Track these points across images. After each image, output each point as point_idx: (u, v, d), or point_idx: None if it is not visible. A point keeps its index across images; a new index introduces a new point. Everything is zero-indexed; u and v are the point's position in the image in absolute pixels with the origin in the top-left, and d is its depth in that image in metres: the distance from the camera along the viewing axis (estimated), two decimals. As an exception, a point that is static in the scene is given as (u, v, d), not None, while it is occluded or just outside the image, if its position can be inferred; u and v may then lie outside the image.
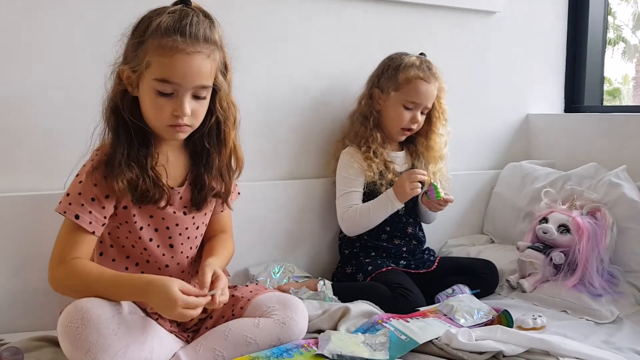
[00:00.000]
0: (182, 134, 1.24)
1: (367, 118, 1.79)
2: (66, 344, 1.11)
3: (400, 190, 1.71)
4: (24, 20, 1.49)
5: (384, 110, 1.79)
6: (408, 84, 1.74)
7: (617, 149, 2.01)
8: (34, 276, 1.48)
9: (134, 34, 1.19)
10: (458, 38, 2.14)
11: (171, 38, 1.14)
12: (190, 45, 1.15)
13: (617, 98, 8.55)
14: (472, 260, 1.87)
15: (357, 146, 1.79)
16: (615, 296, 1.64)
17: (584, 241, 1.67)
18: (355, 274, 1.75)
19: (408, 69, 1.75)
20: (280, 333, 1.25)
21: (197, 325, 1.34)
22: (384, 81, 1.78)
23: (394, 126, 1.79)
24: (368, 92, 1.82)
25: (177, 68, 1.15)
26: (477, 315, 1.45)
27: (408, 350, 1.27)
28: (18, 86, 1.51)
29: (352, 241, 1.81)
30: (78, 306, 1.12)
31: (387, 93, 1.76)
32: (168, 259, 1.32)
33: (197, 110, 1.21)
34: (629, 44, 10.23)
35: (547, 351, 1.27)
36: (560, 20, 2.38)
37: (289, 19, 1.83)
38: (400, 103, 1.76)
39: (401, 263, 1.77)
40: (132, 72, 1.18)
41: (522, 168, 2.16)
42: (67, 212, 1.19)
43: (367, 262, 1.75)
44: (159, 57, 1.14)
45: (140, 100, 1.21)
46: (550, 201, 1.87)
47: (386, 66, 1.79)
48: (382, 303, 1.53)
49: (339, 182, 1.79)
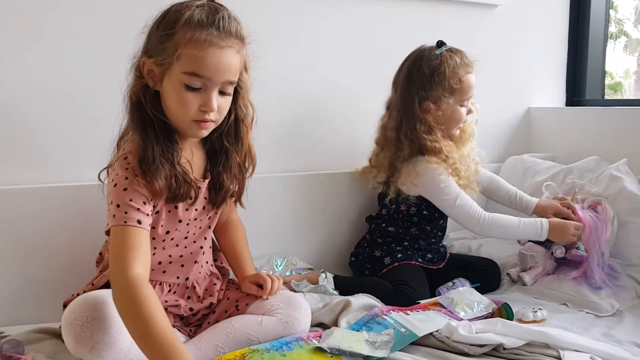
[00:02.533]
0: (206, 131, 1.20)
1: (433, 129, 1.69)
2: (70, 340, 1.10)
3: (560, 231, 1.65)
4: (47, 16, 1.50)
5: (443, 116, 1.70)
6: (461, 84, 1.69)
7: (618, 143, 2.00)
8: (34, 269, 1.49)
9: (161, 26, 1.14)
10: (460, 31, 2.13)
11: (205, 31, 1.11)
12: (223, 39, 1.13)
13: (619, 92, 8.53)
14: (475, 258, 1.88)
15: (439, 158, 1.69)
16: (616, 289, 1.64)
17: (585, 234, 1.67)
18: (383, 257, 1.72)
19: (453, 70, 1.68)
20: (283, 332, 1.26)
21: (200, 320, 1.34)
22: (430, 91, 1.68)
23: (454, 125, 1.74)
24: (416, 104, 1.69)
25: (209, 62, 1.12)
26: (477, 308, 1.45)
27: (408, 342, 1.27)
28: (39, 82, 1.52)
29: (387, 232, 1.78)
30: (84, 302, 1.11)
31: (443, 101, 1.68)
32: (181, 249, 1.30)
33: (222, 106, 1.18)
34: (631, 38, 10.20)
35: (547, 344, 1.27)
36: (562, 14, 2.37)
37: (303, 17, 1.84)
38: (457, 104, 1.71)
39: (427, 257, 1.77)
40: (156, 66, 1.14)
41: (524, 161, 2.16)
42: (127, 221, 1.10)
43: (399, 249, 1.73)
44: (191, 49, 1.11)
45: (163, 94, 1.17)
46: (551, 195, 1.87)
47: (422, 74, 1.68)
48: (383, 298, 1.54)
49: (442, 191, 1.69)
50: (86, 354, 1.10)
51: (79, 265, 1.45)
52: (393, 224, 1.79)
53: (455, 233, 2.13)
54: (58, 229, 1.51)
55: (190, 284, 1.32)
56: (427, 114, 1.69)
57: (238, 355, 1.16)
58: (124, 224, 1.10)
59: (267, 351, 1.18)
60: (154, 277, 1.25)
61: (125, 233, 1.10)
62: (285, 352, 1.18)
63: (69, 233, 1.52)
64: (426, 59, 1.69)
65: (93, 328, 1.08)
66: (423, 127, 1.68)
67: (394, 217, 1.79)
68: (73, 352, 1.13)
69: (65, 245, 1.50)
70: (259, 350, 1.18)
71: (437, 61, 1.68)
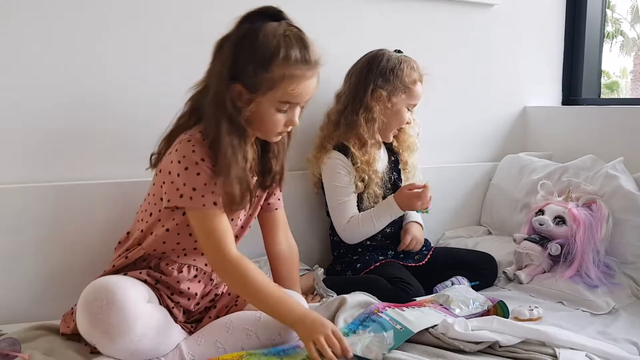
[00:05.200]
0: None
1: (375, 120, 1.75)
2: (85, 321, 1.13)
3: (406, 202, 1.70)
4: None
5: (391, 109, 1.76)
6: (415, 87, 1.76)
7: (614, 141, 2.01)
8: (30, 266, 1.49)
9: (256, 59, 1.20)
10: (456, 30, 2.14)
11: (300, 68, 1.22)
12: (312, 69, 1.25)
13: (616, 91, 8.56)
14: (471, 253, 1.87)
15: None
16: (611, 287, 1.64)
17: (580, 232, 1.68)
18: (345, 271, 1.75)
19: (410, 72, 1.75)
20: (282, 328, 1.26)
21: (201, 314, 1.36)
22: (384, 82, 1.74)
23: (395, 125, 1.80)
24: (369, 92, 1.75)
25: (301, 92, 1.24)
26: (473, 306, 1.45)
27: (404, 339, 1.27)
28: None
29: (338, 242, 1.80)
30: (104, 286, 1.14)
31: (396, 95, 1.75)
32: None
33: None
34: (627, 37, 10.23)
35: (543, 342, 1.27)
36: (558, 13, 2.38)
37: (298, 15, 1.81)
38: (405, 105, 1.77)
39: (389, 254, 1.77)
40: (246, 90, 1.22)
41: (520, 160, 2.16)
42: (206, 204, 1.21)
43: (355, 259, 1.75)
44: (287, 85, 1.22)
45: (253, 112, 1.24)
46: (546, 193, 1.87)
47: (382, 67, 1.74)
48: (382, 296, 1.54)
49: (334, 189, 1.75)
50: (98, 337, 1.12)
51: (77, 265, 1.46)
52: (334, 232, 1.81)
53: (451, 232, 2.14)
54: (53, 228, 1.52)
55: (210, 271, 1.35)
56: (376, 103, 1.73)
57: (235, 356, 1.17)
58: (203, 207, 1.21)
59: (264, 355, 1.18)
60: (185, 261, 1.31)
61: (210, 218, 1.22)
62: (283, 357, 1.19)
63: (66, 233, 1.53)
64: (387, 56, 1.76)
65: (111, 312, 1.10)
66: (366, 114, 1.73)
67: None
68: (85, 333, 1.15)
69: (64, 245, 1.51)
70: (256, 354, 1.18)
71: (397, 60, 1.76)
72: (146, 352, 1.17)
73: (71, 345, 1.25)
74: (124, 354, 1.15)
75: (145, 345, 1.15)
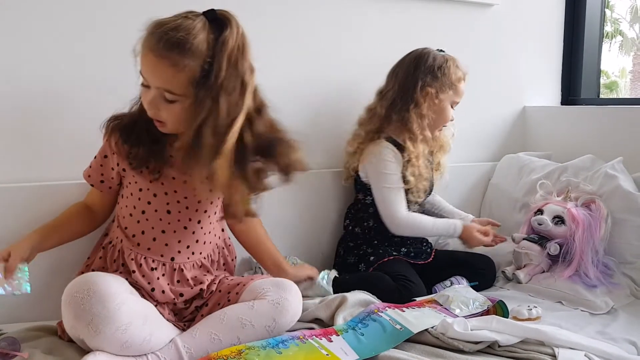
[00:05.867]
0: None
1: (424, 116, 1.76)
2: (69, 314, 1.13)
3: (470, 237, 1.77)
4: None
5: (438, 106, 1.78)
6: (459, 84, 1.79)
7: (614, 141, 2.01)
8: (31, 266, 1.48)
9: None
10: (456, 30, 2.14)
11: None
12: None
13: (615, 91, 8.57)
14: (470, 254, 1.87)
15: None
16: (610, 287, 1.65)
17: (579, 232, 1.68)
18: (358, 263, 1.75)
19: (456, 69, 1.78)
20: (275, 313, 1.27)
21: (193, 314, 1.36)
22: (433, 80, 1.75)
23: (441, 122, 1.82)
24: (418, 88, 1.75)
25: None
26: (472, 306, 1.46)
27: (403, 339, 1.28)
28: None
29: (358, 233, 1.81)
30: (85, 279, 1.16)
31: (443, 92, 1.77)
32: (165, 224, 1.34)
33: None
34: (626, 37, 10.24)
35: (542, 341, 1.28)
36: (557, 13, 2.38)
37: (298, 15, 1.84)
38: (450, 103, 1.80)
39: (402, 251, 1.77)
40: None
41: (519, 159, 2.17)
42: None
43: (370, 251, 1.75)
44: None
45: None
46: (545, 193, 1.88)
47: (429, 64, 1.76)
48: (385, 294, 1.54)
49: (382, 176, 1.75)
50: (84, 330, 1.12)
51: (78, 266, 1.45)
52: (358, 223, 1.82)
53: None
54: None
55: (178, 267, 1.35)
56: (425, 99, 1.74)
57: (234, 351, 1.17)
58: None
59: (263, 348, 1.18)
60: (140, 252, 1.33)
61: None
62: (282, 349, 1.19)
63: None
64: (432, 54, 1.78)
65: (92, 301, 1.12)
66: (416, 109, 1.74)
67: (358, 210, 1.83)
68: (71, 330, 1.16)
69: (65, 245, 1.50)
70: (255, 348, 1.18)
71: (443, 58, 1.78)
72: (137, 343, 1.16)
73: (71, 346, 1.25)
74: (114, 347, 1.14)
75: (134, 335, 1.14)
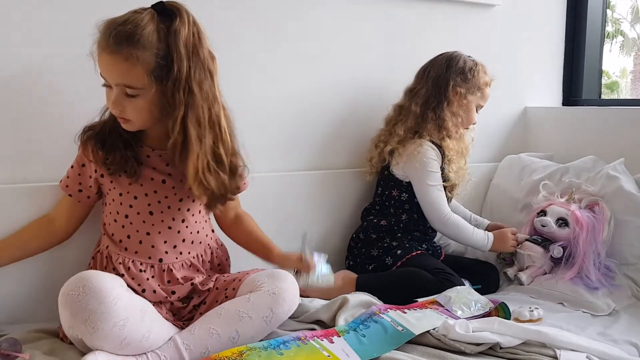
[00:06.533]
0: None
1: (456, 114, 1.81)
2: (66, 312, 1.13)
3: (501, 241, 1.80)
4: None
5: (467, 107, 1.83)
6: (486, 88, 1.85)
7: (615, 142, 2.01)
8: (32, 268, 1.48)
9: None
10: (457, 31, 2.14)
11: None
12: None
13: (615, 91, 8.57)
14: (474, 260, 1.88)
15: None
16: (612, 289, 1.65)
17: (583, 235, 1.68)
18: (382, 256, 1.72)
19: (484, 74, 1.84)
20: (272, 303, 1.27)
21: (191, 313, 1.36)
22: (463, 81, 1.81)
23: (468, 123, 1.87)
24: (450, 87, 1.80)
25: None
26: (474, 307, 1.45)
27: (404, 341, 1.28)
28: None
29: (379, 226, 1.80)
30: (80, 276, 1.15)
31: (472, 93, 1.82)
32: (149, 226, 1.34)
33: None
34: (628, 37, 10.24)
35: (544, 343, 1.28)
36: (559, 14, 2.37)
37: (305, 16, 1.85)
38: (475, 105, 1.85)
39: (423, 246, 1.77)
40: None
41: (521, 160, 2.16)
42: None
43: (395, 245, 1.74)
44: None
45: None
46: (548, 194, 1.87)
47: (460, 66, 1.82)
48: (424, 289, 1.54)
49: (427, 174, 1.77)
50: (82, 328, 1.12)
51: (80, 267, 1.45)
52: (384, 217, 1.81)
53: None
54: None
55: (167, 267, 1.35)
56: (455, 98, 1.79)
57: (235, 352, 1.17)
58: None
59: (264, 349, 1.18)
60: (127, 256, 1.33)
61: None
62: (283, 350, 1.18)
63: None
64: (463, 58, 1.83)
65: (88, 297, 1.11)
66: (450, 107, 1.79)
67: (385, 206, 1.82)
68: (69, 331, 1.15)
69: (67, 244, 1.50)
70: (256, 348, 1.18)
71: (473, 62, 1.84)
72: (136, 340, 1.15)
73: (72, 348, 1.25)
74: (113, 344, 1.13)
75: (133, 332, 1.14)
